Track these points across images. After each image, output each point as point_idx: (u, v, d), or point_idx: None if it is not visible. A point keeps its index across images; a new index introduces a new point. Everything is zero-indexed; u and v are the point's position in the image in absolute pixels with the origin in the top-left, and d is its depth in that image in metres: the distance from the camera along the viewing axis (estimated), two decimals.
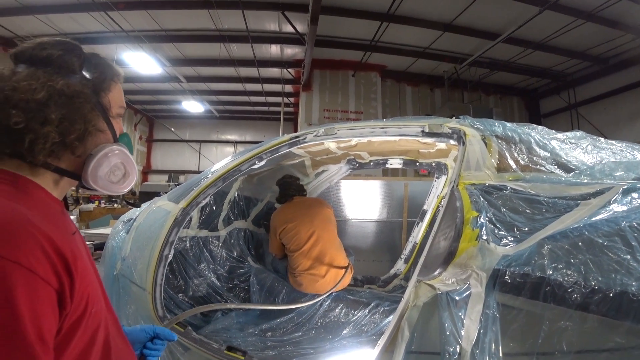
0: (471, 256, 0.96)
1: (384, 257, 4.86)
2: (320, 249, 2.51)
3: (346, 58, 9.04)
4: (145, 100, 13.43)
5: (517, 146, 1.41)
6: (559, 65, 8.90)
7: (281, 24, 7.67)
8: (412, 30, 7.52)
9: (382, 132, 1.70)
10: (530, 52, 8.11)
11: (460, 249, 0.99)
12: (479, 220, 1.01)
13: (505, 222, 1.03)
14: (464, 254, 0.97)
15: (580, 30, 6.96)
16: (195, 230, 2.50)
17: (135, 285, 2.07)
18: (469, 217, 1.04)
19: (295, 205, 2.72)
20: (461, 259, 0.97)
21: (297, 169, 3.18)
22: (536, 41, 7.68)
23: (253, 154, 1.93)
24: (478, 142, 1.39)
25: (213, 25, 7.53)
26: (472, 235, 1.00)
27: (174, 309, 2.23)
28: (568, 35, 7.24)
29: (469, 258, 0.96)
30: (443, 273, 0.99)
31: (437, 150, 2.51)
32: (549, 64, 8.91)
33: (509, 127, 1.48)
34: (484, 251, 0.95)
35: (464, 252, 0.98)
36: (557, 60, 8.58)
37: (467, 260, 0.96)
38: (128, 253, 2.23)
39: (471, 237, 0.99)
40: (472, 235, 1.00)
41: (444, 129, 1.56)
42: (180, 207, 1.91)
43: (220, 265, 2.66)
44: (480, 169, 1.29)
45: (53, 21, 7.62)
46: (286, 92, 11.30)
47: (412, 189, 4.68)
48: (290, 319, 2.28)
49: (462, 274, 0.95)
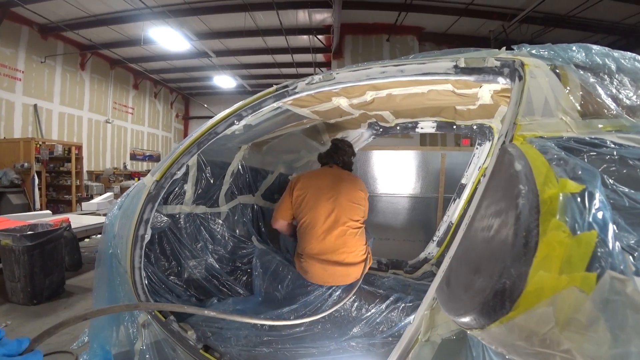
0: (572, 312, 0.40)
1: (416, 237, 4.45)
2: (337, 236, 2.08)
3: (379, 20, 8.31)
4: (178, 79, 13.59)
5: (613, 78, 0.88)
6: (632, 17, 7.43)
7: None
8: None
9: (396, 72, 1.21)
10: (595, 2, 6.79)
11: (537, 282, 0.42)
12: (588, 206, 0.44)
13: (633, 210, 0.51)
14: (547, 304, 0.40)
15: None
16: (190, 207, 2.20)
17: (121, 266, 1.85)
18: (551, 194, 0.47)
19: (327, 173, 2.28)
20: (538, 315, 0.42)
21: (311, 135, 2.75)
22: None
23: (230, 111, 1.54)
24: (545, 74, 0.87)
25: None
26: (568, 243, 0.42)
27: (164, 294, 1.98)
28: None
29: (565, 323, 0.40)
30: (489, 326, 0.46)
31: (479, 107, 1.95)
32: (618, 17, 7.51)
33: (597, 52, 0.94)
34: (614, 306, 0.40)
35: (548, 291, 0.40)
36: (630, 10, 7.16)
37: (560, 332, 0.40)
38: (117, 230, 2.01)
39: (565, 246, 0.42)
40: (568, 242, 0.42)
41: (489, 61, 1.05)
42: (154, 180, 1.60)
43: (221, 246, 2.36)
44: (551, 114, 0.77)
45: (82, 4, 7.66)
46: (317, 62, 10.77)
47: (450, 160, 4.14)
48: (294, 310, 1.95)
49: None
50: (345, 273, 2.05)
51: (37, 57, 8.79)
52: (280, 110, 1.89)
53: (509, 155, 0.57)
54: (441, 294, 0.62)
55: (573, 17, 7.61)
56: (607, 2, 6.84)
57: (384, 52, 8.68)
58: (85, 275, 4.09)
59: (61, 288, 3.45)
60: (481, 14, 7.73)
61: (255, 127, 2.03)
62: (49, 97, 9.22)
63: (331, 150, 2.40)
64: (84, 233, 4.76)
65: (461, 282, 0.54)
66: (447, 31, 8.65)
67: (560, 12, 7.47)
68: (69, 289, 3.57)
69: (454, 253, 0.68)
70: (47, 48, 9.00)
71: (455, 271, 0.61)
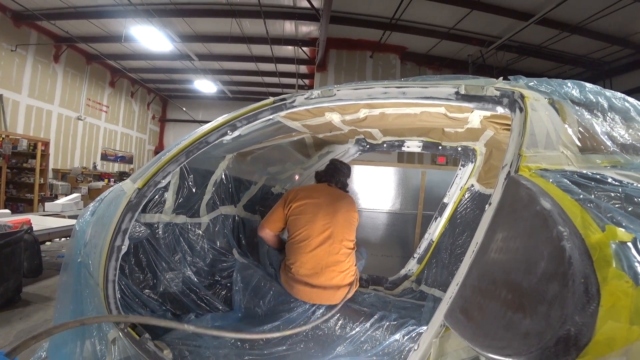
0: None
1: (394, 253, 4.49)
2: (329, 252, 2.06)
3: (364, 37, 8.50)
4: (158, 79, 13.25)
5: (606, 116, 0.92)
6: (596, 53, 8.10)
7: None
8: (436, 7, 6.92)
9: (398, 94, 1.21)
10: (565, 37, 7.40)
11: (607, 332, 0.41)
12: None
13: None
14: (620, 355, 0.39)
15: (624, 12, 6.21)
16: (169, 216, 2.10)
17: (92, 278, 1.73)
18: (599, 241, 0.47)
19: (325, 190, 2.28)
20: None
21: (298, 148, 2.73)
22: (573, 24, 6.99)
23: (224, 120, 1.50)
24: (545, 108, 0.90)
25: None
26: (633, 294, 0.42)
27: (137, 308, 1.86)
28: (609, 19, 6.54)
29: None
30: None
31: (466, 130, 2.01)
32: (584, 51, 8.14)
33: (591, 90, 0.98)
34: None
35: (620, 342, 0.40)
36: (594, 46, 7.84)
37: None
38: (88, 239, 1.88)
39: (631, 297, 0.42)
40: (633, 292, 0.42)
41: (489, 90, 1.08)
42: (136, 188, 1.51)
43: (200, 258, 2.26)
44: (552, 147, 0.80)
45: None
46: (300, 73, 10.82)
47: (429, 178, 4.23)
48: (276, 327, 1.88)
49: None
50: (331, 294, 2.02)
51: (8, 45, 8.29)
52: (272, 121, 1.86)
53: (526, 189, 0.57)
54: (457, 324, 0.61)
55: (545, 48, 8.14)
56: (577, 37, 7.38)
57: (367, 68, 8.86)
58: (45, 282, 3.80)
59: (17, 296, 3.18)
60: (461, 38, 8.08)
61: (244, 137, 1.98)
62: (16, 88, 8.68)
63: (330, 169, 2.40)
64: (46, 236, 4.46)
65: (493, 317, 0.53)
66: (428, 52, 8.96)
67: (534, 42, 7.96)
68: (26, 297, 3.30)
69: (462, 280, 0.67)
70: (19, 36, 8.53)
71: (476, 302, 0.60)
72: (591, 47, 7.87)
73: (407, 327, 1.88)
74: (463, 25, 7.52)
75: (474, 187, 2.73)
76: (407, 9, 6.78)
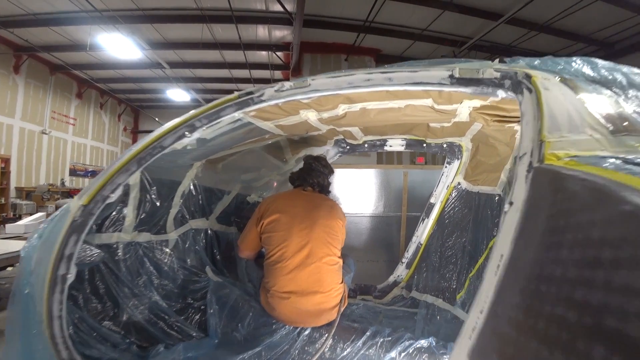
0: None
1: (380, 257, 4.33)
2: (310, 273, 1.80)
3: (338, 41, 8.47)
4: (128, 89, 12.77)
5: (628, 93, 0.79)
6: (563, 50, 8.39)
7: (268, 2, 6.98)
8: (409, 9, 6.95)
9: (384, 80, 1.04)
10: (533, 35, 7.65)
11: None
12: None
13: None
14: None
15: (587, 11, 6.46)
16: (131, 234, 1.85)
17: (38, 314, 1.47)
18: None
19: (300, 198, 2.00)
20: None
21: (273, 153, 2.52)
22: (540, 22, 7.20)
23: (181, 120, 1.29)
24: (558, 87, 0.76)
25: (194, 4, 6.84)
26: None
27: (95, 344, 1.60)
28: (574, 17, 6.83)
29: None
30: None
31: (453, 125, 1.87)
32: (552, 49, 8.39)
33: (604, 66, 0.85)
34: None
35: None
36: (561, 44, 8.11)
37: None
38: (33, 266, 1.61)
39: None
40: None
41: (487, 72, 0.93)
42: (80, 205, 1.27)
43: (169, 279, 2.01)
44: (578, 131, 0.65)
45: (21, 1, 6.86)
46: (275, 79, 10.67)
47: (412, 179, 4.11)
48: (257, 354, 1.66)
49: None
50: (316, 317, 1.80)
51: None
52: (241, 123, 1.66)
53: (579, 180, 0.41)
54: None
55: (514, 47, 8.36)
56: (544, 36, 7.62)
57: None
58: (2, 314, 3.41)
59: None
60: (434, 39, 8.16)
61: (211, 141, 1.76)
62: None
63: (304, 170, 2.12)
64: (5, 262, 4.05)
65: None
66: (402, 54, 9.00)
67: (504, 42, 8.16)
68: None
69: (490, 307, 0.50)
70: None
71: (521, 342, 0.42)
72: (558, 45, 8.14)
73: (403, 342, 1.71)
74: (436, 26, 7.59)
75: (460, 185, 2.61)
76: (380, 11, 6.77)
